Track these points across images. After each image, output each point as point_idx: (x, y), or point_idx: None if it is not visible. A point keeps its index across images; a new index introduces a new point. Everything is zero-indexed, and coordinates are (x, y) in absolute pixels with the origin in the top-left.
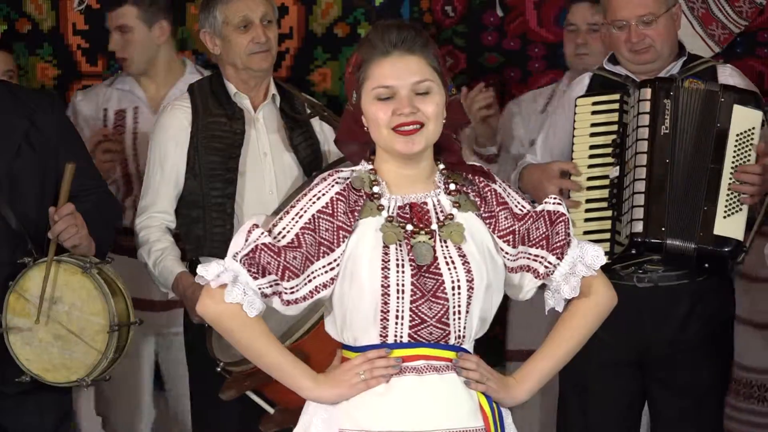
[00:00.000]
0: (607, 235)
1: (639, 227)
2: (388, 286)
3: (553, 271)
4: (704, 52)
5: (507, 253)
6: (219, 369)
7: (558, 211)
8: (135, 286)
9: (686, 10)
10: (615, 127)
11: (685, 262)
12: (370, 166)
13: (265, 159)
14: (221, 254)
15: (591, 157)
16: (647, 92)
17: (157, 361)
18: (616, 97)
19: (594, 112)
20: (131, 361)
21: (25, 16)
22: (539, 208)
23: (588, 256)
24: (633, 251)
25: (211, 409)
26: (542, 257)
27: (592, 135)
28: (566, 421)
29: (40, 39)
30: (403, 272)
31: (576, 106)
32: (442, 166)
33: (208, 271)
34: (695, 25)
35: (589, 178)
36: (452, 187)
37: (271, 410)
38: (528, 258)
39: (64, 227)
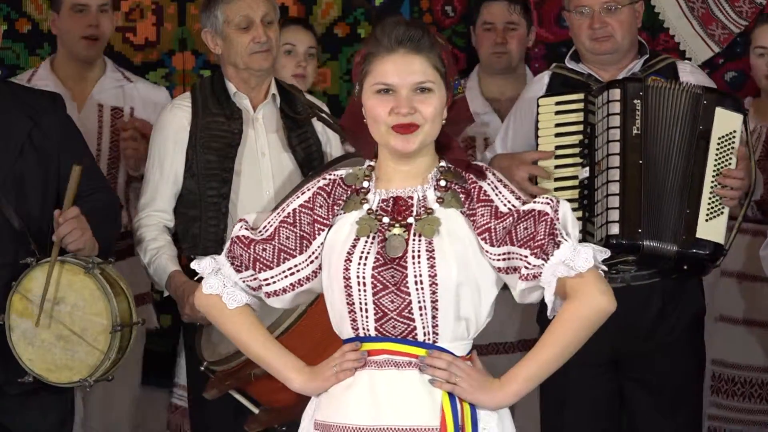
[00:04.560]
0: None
1: (615, 229)
2: (349, 278)
3: (540, 273)
4: (704, 52)
5: (487, 251)
6: (202, 368)
7: (542, 211)
8: None
9: (686, 10)
10: (581, 127)
11: (657, 261)
12: (371, 163)
13: (263, 159)
14: (214, 253)
15: (557, 157)
16: (616, 93)
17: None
18: (581, 96)
19: (558, 112)
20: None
21: (25, 16)
22: (527, 207)
23: (578, 258)
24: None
25: (207, 407)
26: (524, 257)
27: (558, 135)
28: (545, 422)
29: (40, 39)
30: (365, 264)
31: (538, 106)
32: (442, 163)
33: (200, 264)
34: (695, 25)
35: (557, 179)
36: (442, 183)
37: (255, 410)
38: (516, 258)
39: (68, 231)
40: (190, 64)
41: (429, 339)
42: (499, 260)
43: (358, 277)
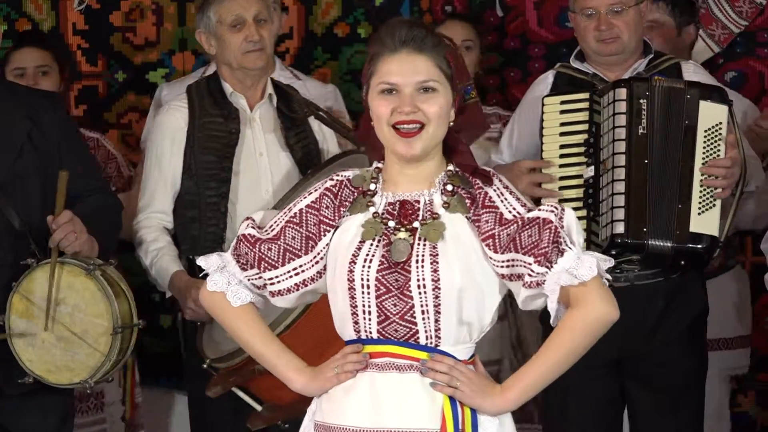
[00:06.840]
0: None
1: (620, 228)
2: (353, 280)
3: (543, 280)
4: (704, 52)
5: (491, 257)
6: (205, 366)
7: (546, 219)
8: None
9: None
10: (585, 126)
11: (661, 261)
12: (379, 165)
13: (261, 159)
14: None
15: (562, 156)
16: (623, 92)
17: None
18: (586, 96)
19: (563, 111)
20: None
21: (25, 16)
22: (532, 214)
23: (582, 267)
24: (613, 252)
25: (207, 406)
26: (528, 264)
27: (562, 134)
28: (548, 422)
29: None
30: (369, 267)
31: (543, 105)
32: (450, 167)
33: (207, 261)
34: None
35: (562, 178)
36: (449, 188)
37: (258, 407)
38: (519, 265)
39: (63, 236)
40: (190, 64)
41: (431, 342)
42: (502, 267)
43: (362, 279)
